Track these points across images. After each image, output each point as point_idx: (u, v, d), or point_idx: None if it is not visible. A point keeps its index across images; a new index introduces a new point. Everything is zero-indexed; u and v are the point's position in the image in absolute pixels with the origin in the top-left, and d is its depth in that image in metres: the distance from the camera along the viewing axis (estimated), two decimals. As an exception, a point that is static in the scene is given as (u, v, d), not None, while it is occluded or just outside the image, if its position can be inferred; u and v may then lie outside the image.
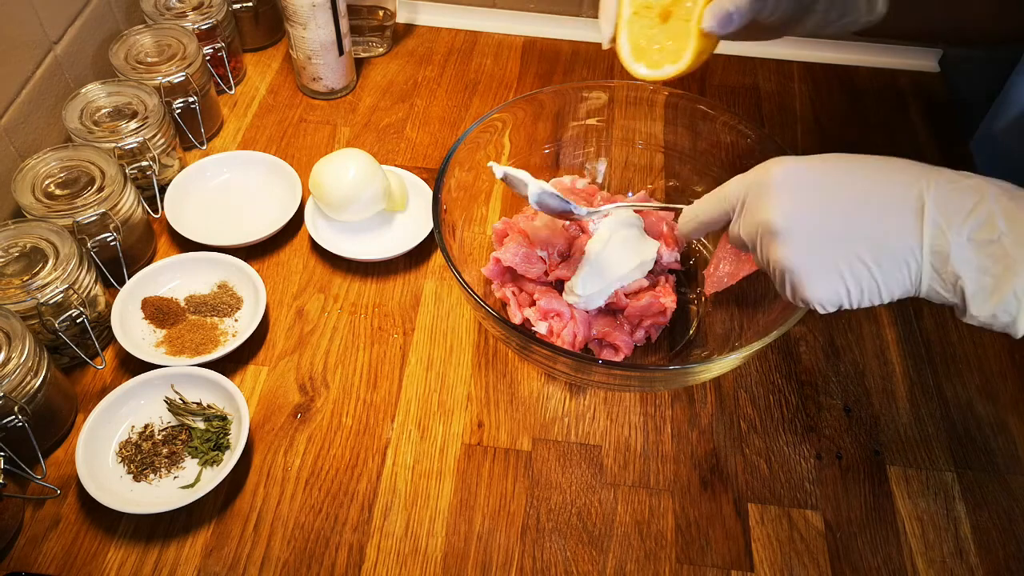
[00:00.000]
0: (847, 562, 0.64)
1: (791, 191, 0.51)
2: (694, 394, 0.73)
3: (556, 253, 0.73)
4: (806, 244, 0.50)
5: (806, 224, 0.50)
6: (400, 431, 0.70)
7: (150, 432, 0.68)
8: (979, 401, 0.74)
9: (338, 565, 0.63)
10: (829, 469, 0.69)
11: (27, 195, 0.73)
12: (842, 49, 1.05)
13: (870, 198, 0.49)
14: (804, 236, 0.50)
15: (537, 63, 1.03)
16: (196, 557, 0.63)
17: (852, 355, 0.76)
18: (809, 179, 0.51)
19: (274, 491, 0.67)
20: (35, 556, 0.63)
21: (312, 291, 0.80)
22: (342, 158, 0.80)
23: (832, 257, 0.50)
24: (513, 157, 0.80)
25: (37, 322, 0.68)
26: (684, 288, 0.78)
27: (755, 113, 0.97)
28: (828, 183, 0.50)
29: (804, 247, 0.50)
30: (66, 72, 0.86)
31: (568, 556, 0.64)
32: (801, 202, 0.50)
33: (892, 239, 0.49)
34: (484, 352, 0.76)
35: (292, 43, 0.93)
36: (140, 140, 0.79)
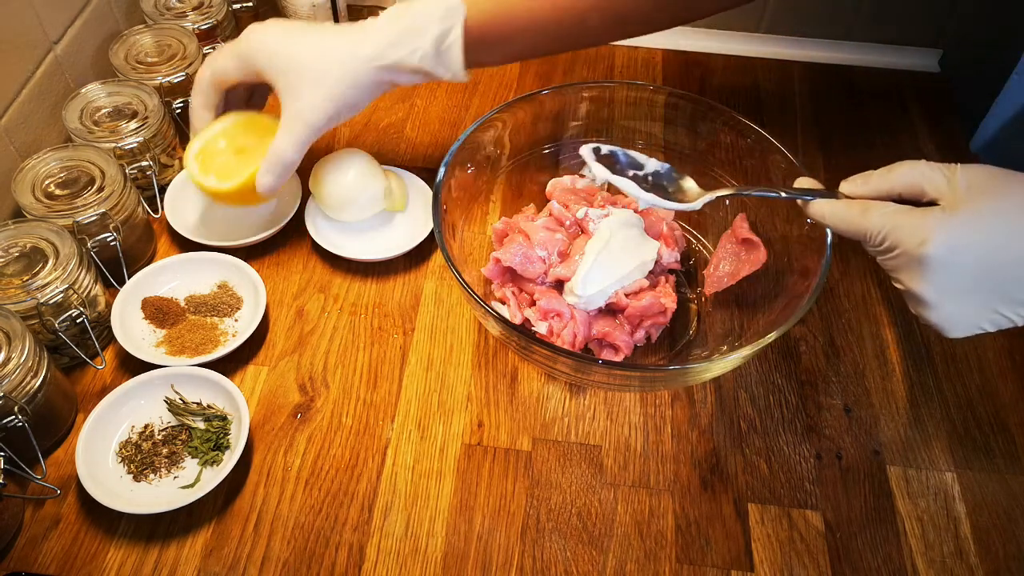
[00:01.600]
0: (847, 562, 0.64)
1: (942, 269, 0.52)
2: (694, 394, 0.73)
3: (556, 253, 0.73)
4: (952, 311, 0.54)
5: (954, 296, 0.53)
6: (400, 431, 0.70)
7: (150, 432, 0.68)
8: (979, 401, 0.74)
9: (338, 565, 0.63)
10: (829, 469, 0.69)
11: (27, 195, 0.73)
12: (842, 49, 1.05)
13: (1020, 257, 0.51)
14: (952, 306, 0.53)
15: (537, 63, 1.03)
16: (196, 557, 0.63)
17: (852, 355, 0.76)
18: (968, 253, 0.51)
19: (274, 491, 0.67)
20: (35, 556, 0.63)
21: (312, 291, 0.80)
22: (342, 158, 0.80)
23: (977, 316, 0.54)
24: (513, 157, 0.80)
25: (37, 322, 0.68)
26: (684, 288, 0.78)
27: (755, 113, 0.97)
28: (980, 249, 0.51)
29: (949, 312, 0.54)
30: (66, 72, 0.86)
31: (568, 556, 0.64)
32: (951, 278, 0.52)
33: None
34: (484, 352, 0.76)
35: (292, 43, 0.93)
36: (140, 140, 0.79)
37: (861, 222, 0.56)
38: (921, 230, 0.52)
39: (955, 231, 0.51)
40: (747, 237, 0.74)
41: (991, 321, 0.54)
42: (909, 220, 0.53)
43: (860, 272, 0.83)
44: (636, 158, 0.68)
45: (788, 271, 0.71)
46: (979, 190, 0.52)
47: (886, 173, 0.56)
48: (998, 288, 0.52)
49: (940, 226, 0.52)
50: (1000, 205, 0.51)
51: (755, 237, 0.73)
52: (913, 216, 0.53)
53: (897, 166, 0.56)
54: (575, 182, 0.81)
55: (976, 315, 0.53)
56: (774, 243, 0.73)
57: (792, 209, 0.72)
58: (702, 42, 1.06)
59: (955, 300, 0.53)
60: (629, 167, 0.68)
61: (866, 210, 0.56)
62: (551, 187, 0.80)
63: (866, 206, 0.56)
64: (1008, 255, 0.51)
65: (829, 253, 0.65)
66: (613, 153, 0.67)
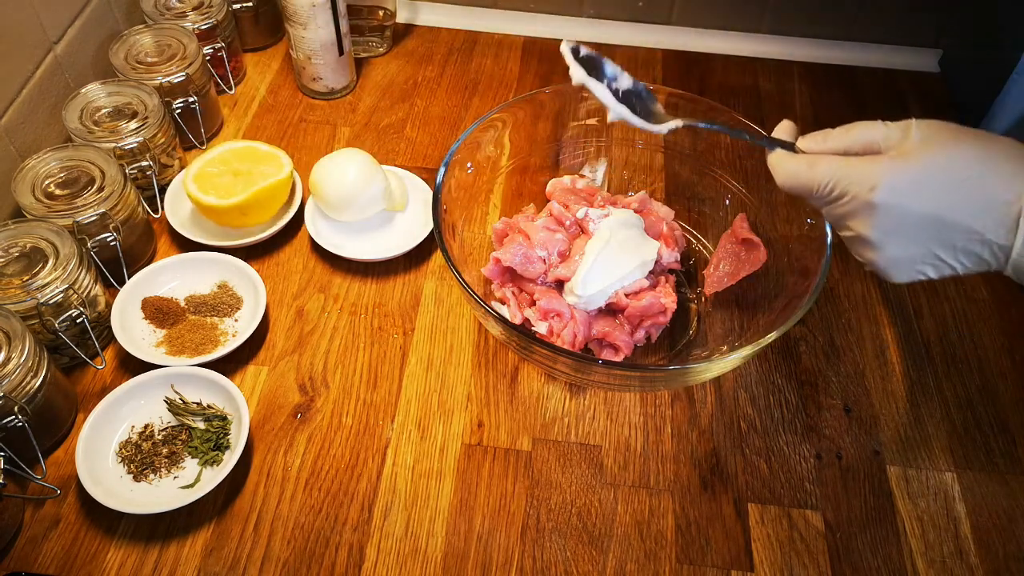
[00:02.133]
0: (847, 562, 0.64)
1: (891, 212, 0.53)
2: (694, 394, 0.73)
3: (556, 253, 0.73)
4: (897, 253, 0.55)
5: (900, 239, 0.54)
6: (400, 431, 0.70)
7: (150, 432, 0.68)
8: (979, 401, 0.74)
9: (338, 565, 0.63)
10: (829, 469, 0.69)
11: (27, 195, 0.73)
12: (842, 49, 1.05)
13: (966, 206, 0.52)
14: (897, 248, 0.54)
15: (537, 63, 1.03)
16: (196, 557, 0.63)
17: (852, 355, 0.76)
18: (911, 196, 0.53)
19: (274, 491, 0.67)
20: (35, 556, 0.63)
21: (312, 291, 0.80)
22: (342, 158, 0.81)
23: (920, 261, 0.55)
24: (513, 157, 0.80)
25: (37, 322, 0.68)
26: (684, 288, 0.78)
27: (755, 113, 0.97)
28: (928, 195, 0.52)
29: (894, 255, 0.55)
30: (66, 72, 0.86)
31: (568, 556, 0.64)
32: (899, 221, 0.53)
33: (981, 249, 0.52)
34: (484, 352, 0.76)
35: (292, 43, 0.93)
36: (140, 140, 0.79)
37: (809, 175, 0.56)
38: (872, 176, 0.53)
39: (905, 176, 0.53)
40: (747, 237, 0.74)
41: (933, 267, 0.55)
42: (859, 168, 0.54)
43: (860, 272, 0.83)
44: (614, 69, 0.64)
45: (788, 271, 0.71)
46: (932, 141, 0.53)
47: (844, 131, 0.57)
48: (942, 234, 0.53)
49: (891, 171, 0.53)
50: (951, 154, 0.52)
51: (755, 237, 0.73)
52: (863, 164, 0.54)
53: (855, 125, 0.57)
54: (575, 182, 0.81)
55: (919, 260, 0.54)
56: (774, 243, 0.73)
57: (792, 209, 0.72)
58: (702, 42, 1.06)
59: (900, 244, 0.54)
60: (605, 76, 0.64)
61: (814, 163, 0.56)
62: (551, 187, 0.80)
63: (814, 159, 0.56)
64: (953, 203, 0.52)
65: (829, 253, 0.65)
66: (592, 57, 0.64)
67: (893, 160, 0.53)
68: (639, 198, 0.79)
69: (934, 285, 0.82)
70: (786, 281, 0.70)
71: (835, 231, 0.58)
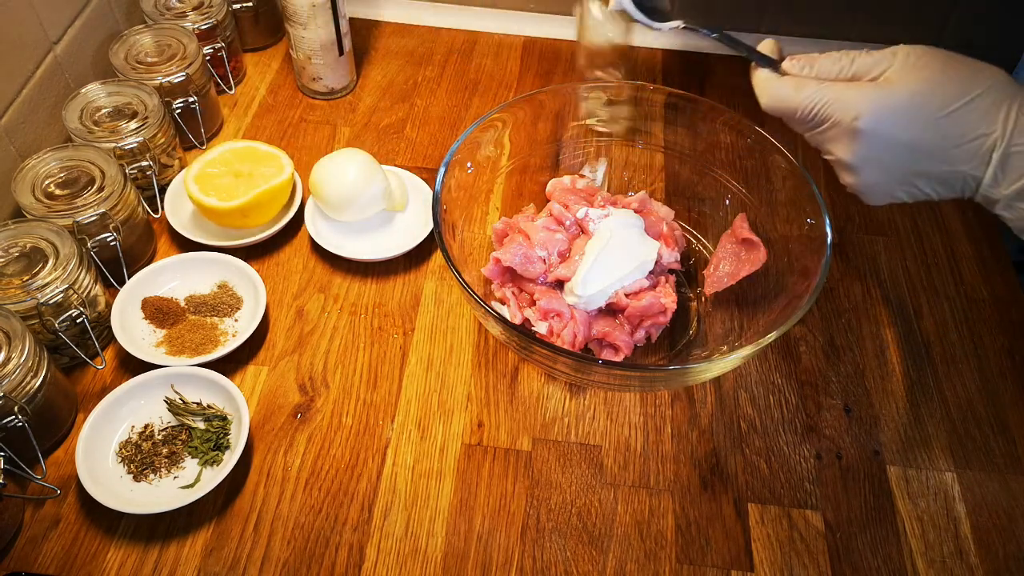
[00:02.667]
0: (847, 562, 0.64)
1: (872, 139, 0.55)
2: (694, 394, 0.73)
3: (556, 253, 0.73)
4: (875, 179, 0.57)
5: (879, 166, 0.56)
6: (400, 431, 0.70)
7: (150, 432, 0.68)
8: (979, 401, 0.74)
9: (338, 565, 0.63)
10: (829, 469, 0.69)
11: (27, 195, 0.73)
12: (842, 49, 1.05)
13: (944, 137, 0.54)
14: (875, 174, 0.57)
15: (537, 63, 1.03)
16: (196, 557, 0.63)
17: (852, 355, 0.76)
18: (893, 125, 0.54)
19: (274, 491, 0.67)
20: (35, 556, 0.63)
21: (312, 291, 0.80)
22: (342, 158, 0.81)
23: (897, 187, 0.57)
24: (513, 157, 0.80)
25: (37, 322, 0.68)
26: (684, 288, 0.78)
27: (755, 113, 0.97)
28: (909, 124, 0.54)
29: (872, 180, 0.57)
30: (66, 72, 0.86)
31: (568, 556, 0.64)
32: (879, 148, 0.55)
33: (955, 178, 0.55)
34: (484, 352, 0.76)
35: (292, 43, 0.93)
36: (140, 140, 0.79)
37: (795, 98, 0.57)
38: (856, 103, 0.55)
39: (888, 104, 0.54)
40: (747, 237, 0.74)
41: (908, 193, 0.57)
42: (844, 94, 0.55)
43: (860, 272, 0.83)
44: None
45: (788, 271, 0.71)
46: (918, 69, 0.54)
47: (831, 56, 0.58)
48: (920, 163, 0.55)
49: (875, 99, 0.54)
50: (935, 84, 0.53)
51: (755, 237, 0.73)
52: (849, 90, 0.55)
53: (843, 51, 0.58)
54: (575, 182, 0.81)
55: (896, 185, 0.57)
56: (774, 243, 0.73)
57: (792, 209, 0.72)
58: (702, 42, 1.06)
59: (878, 170, 0.56)
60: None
61: (800, 87, 0.57)
62: (551, 187, 0.80)
63: (800, 83, 0.57)
64: (932, 133, 0.54)
65: (829, 253, 0.65)
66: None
67: (878, 88, 0.55)
68: (639, 198, 0.79)
69: (934, 285, 0.82)
70: (786, 281, 0.70)
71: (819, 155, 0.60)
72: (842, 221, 0.87)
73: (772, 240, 0.73)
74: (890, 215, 0.88)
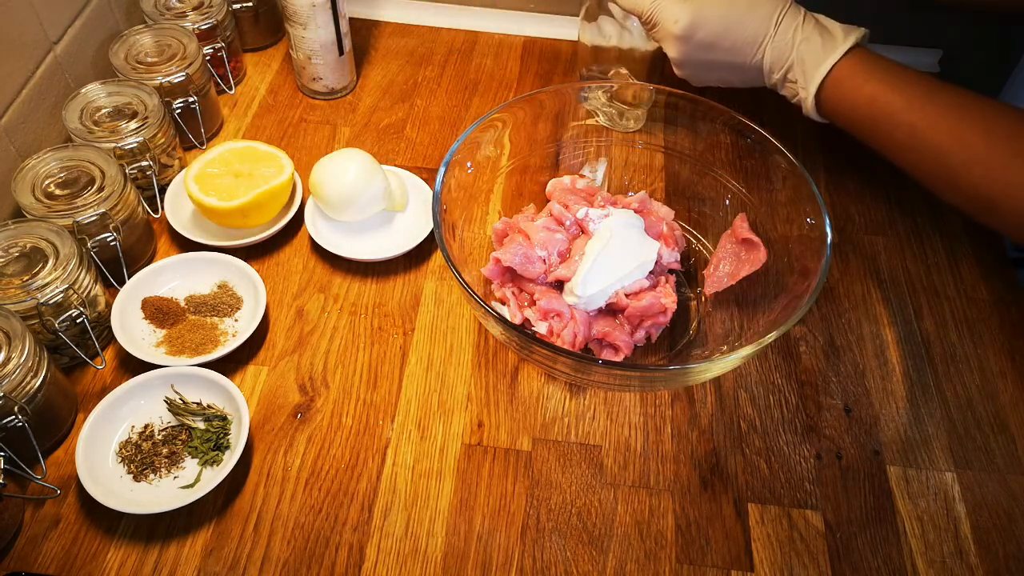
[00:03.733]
0: (847, 562, 0.64)
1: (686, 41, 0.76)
2: (694, 394, 0.73)
3: (556, 253, 0.73)
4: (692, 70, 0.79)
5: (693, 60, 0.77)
6: (400, 431, 0.70)
7: (150, 432, 0.68)
8: (979, 401, 0.74)
9: (338, 565, 0.63)
10: (829, 469, 0.69)
11: (27, 195, 0.73)
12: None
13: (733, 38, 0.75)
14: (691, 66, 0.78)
15: (537, 63, 1.03)
16: (196, 557, 0.63)
17: (852, 355, 0.76)
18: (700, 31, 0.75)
19: (274, 491, 0.67)
20: (35, 556, 0.63)
21: (312, 291, 0.80)
22: (342, 158, 0.81)
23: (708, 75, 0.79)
24: (513, 157, 0.80)
25: (37, 322, 0.68)
26: (684, 288, 0.78)
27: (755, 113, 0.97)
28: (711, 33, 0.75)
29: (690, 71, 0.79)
30: (66, 72, 0.86)
31: (568, 556, 0.64)
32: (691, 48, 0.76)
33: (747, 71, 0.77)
34: (484, 352, 0.76)
35: (292, 43, 0.93)
36: (140, 140, 0.79)
37: (639, 3, 0.77)
38: (677, 13, 0.75)
39: (698, 13, 0.74)
40: (747, 237, 0.74)
41: (719, 79, 0.79)
42: (671, 4, 0.75)
43: (860, 272, 0.83)
44: None
45: (788, 271, 0.71)
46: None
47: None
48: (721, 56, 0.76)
49: (688, 10, 0.74)
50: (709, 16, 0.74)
51: (755, 237, 0.73)
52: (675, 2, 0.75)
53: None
54: (575, 182, 0.81)
55: (707, 73, 0.78)
56: (774, 243, 0.73)
57: (792, 209, 0.72)
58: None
59: (694, 63, 0.77)
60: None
61: None
62: (551, 187, 0.80)
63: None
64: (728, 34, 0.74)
65: (829, 253, 0.65)
66: None
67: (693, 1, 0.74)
68: (639, 198, 0.79)
69: (934, 285, 0.82)
70: (786, 281, 0.71)
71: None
72: (842, 221, 0.87)
73: (772, 240, 0.73)
74: (890, 215, 0.88)
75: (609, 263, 0.71)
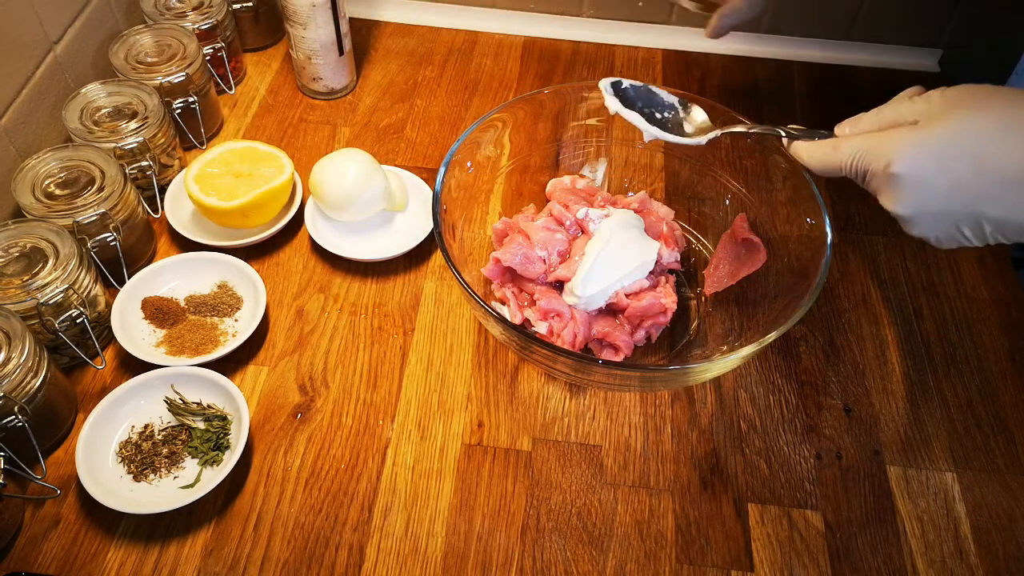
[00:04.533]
0: (847, 562, 0.64)
1: (911, 186, 0.51)
2: (694, 394, 0.73)
3: (556, 253, 0.73)
4: (931, 226, 0.52)
5: (928, 213, 0.52)
6: (400, 431, 0.70)
7: (150, 432, 0.68)
8: (979, 401, 0.74)
9: (338, 565, 0.63)
10: (829, 469, 0.69)
11: (27, 195, 0.73)
12: (842, 49, 1.05)
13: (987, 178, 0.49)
14: (929, 221, 0.52)
15: (537, 63, 1.03)
16: (196, 557, 0.63)
17: (852, 355, 0.76)
18: (929, 168, 0.50)
19: (274, 491, 0.67)
20: (35, 556, 0.63)
21: (312, 291, 0.80)
22: (342, 158, 0.81)
23: (958, 234, 0.52)
24: (513, 157, 0.80)
25: (37, 322, 0.68)
26: (684, 288, 0.78)
27: (755, 113, 0.97)
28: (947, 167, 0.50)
29: (929, 228, 0.53)
30: (66, 72, 0.86)
31: (568, 556, 0.64)
32: (921, 195, 0.51)
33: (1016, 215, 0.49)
34: (484, 352, 0.76)
35: (292, 43, 0.93)
36: (140, 140, 0.79)
37: (833, 157, 0.55)
38: (887, 150, 0.52)
39: (920, 146, 0.51)
40: (747, 237, 0.74)
41: (977, 237, 0.52)
42: (876, 143, 0.53)
43: (860, 272, 0.83)
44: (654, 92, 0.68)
45: (788, 271, 0.71)
46: (956, 107, 0.50)
47: (876, 112, 0.56)
48: (972, 205, 0.50)
49: (904, 143, 0.51)
50: (973, 121, 0.49)
51: (755, 237, 0.73)
52: (880, 138, 0.53)
53: (886, 105, 0.55)
54: (575, 182, 0.81)
55: (956, 232, 0.52)
56: (774, 243, 0.73)
57: (792, 209, 0.72)
58: (702, 42, 1.06)
59: (930, 217, 0.52)
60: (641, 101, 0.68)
61: (837, 145, 0.55)
62: (551, 187, 0.80)
63: (838, 142, 0.56)
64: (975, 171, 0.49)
65: (829, 253, 0.65)
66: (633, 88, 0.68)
67: (911, 131, 0.51)
68: (639, 198, 0.79)
69: (934, 285, 0.82)
70: (786, 281, 0.70)
71: None
72: (842, 221, 0.87)
73: (772, 240, 0.73)
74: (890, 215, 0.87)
75: (609, 263, 0.71)
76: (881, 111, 0.55)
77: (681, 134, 0.66)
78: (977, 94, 0.51)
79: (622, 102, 0.67)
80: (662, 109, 0.68)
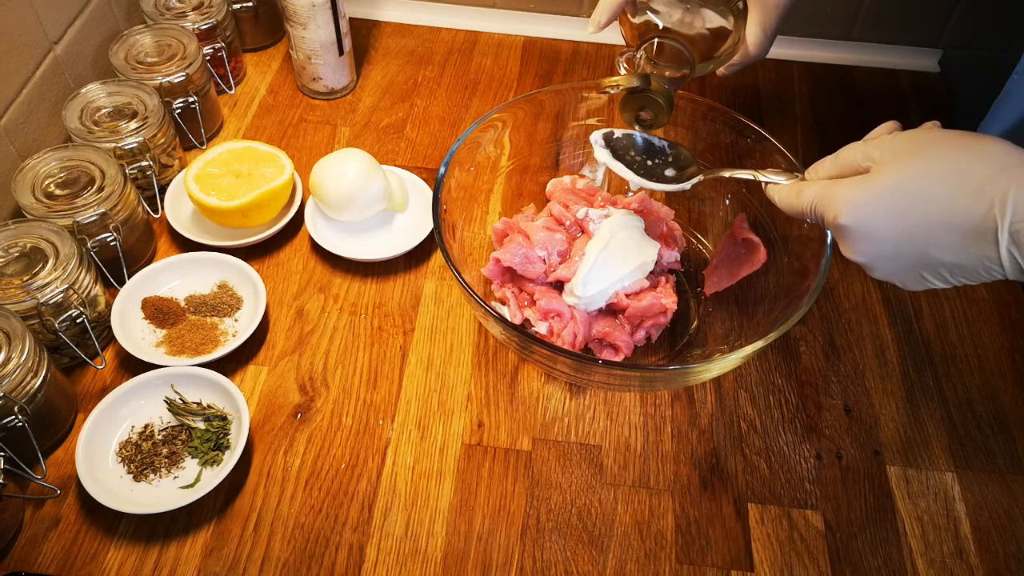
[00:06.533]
0: (847, 562, 0.64)
1: (859, 236, 0.52)
2: (694, 394, 0.73)
3: (556, 253, 0.73)
4: (890, 271, 0.53)
5: (885, 260, 0.52)
6: (400, 431, 0.70)
7: (150, 432, 0.68)
8: (979, 401, 0.74)
9: (338, 565, 0.63)
10: (829, 469, 0.69)
11: (27, 195, 0.73)
12: (842, 49, 1.05)
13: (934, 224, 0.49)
14: (887, 267, 0.53)
15: (537, 63, 1.03)
16: (196, 557, 0.63)
17: (852, 355, 0.76)
18: (875, 216, 0.51)
19: (274, 491, 0.67)
20: (35, 556, 0.63)
21: (312, 291, 0.80)
22: (342, 158, 0.81)
23: (919, 278, 0.52)
24: (513, 157, 0.80)
25: (37, 322, 0.68)
26: (684, 288, 0.78)
27: (755, 113, 0.97)
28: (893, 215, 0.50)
29: (887, 272, 0.53)
30: (66, 72, 0.86)
31: (568, 556, 0.64)
32: (874, 243, 0.52)
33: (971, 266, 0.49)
34: (484, 352, 0.76)
35: (292, 43, 0.93)
36: (140, 140, 0.79)
37: (795, 202, 0.56)
38: (836, 201, 0.52)
39: (865, 197, 0.51)
40: (747, 237, 0.74)
41: (940, 279, 0.52)
42: (829, 192, 0.53)
43: (860, 272, 0.82)
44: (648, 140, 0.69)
45: (788, 271, 0.71)
46: (902, 154, 0.51)
47: (834, 156, 0.56)
48: (926, 251, 0.50)
49: (851, 194, 0.51)
50: (919, 165, 0.50)
51: (755, 237, 0.73)
52: (832, 187, 0.53)
53: (844, 148, 0.55)
54: (575, 182, 0.81)
55: (916, 276, 0.52)
56: (774, 243, 0.73)
57: (792, 209, 0.72)
58: (702, 42, 1.06)
59: (887, 262, 0.52)
60: (633, 148, 0.69)
61: (800, 191, 0.56)
62: (551, 187, 0.80)
63: (800, 186, 0.56)
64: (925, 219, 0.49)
65: (829, 253, 0.65)
66: (624, 137, 0.69)
67: (858, 181, 0.52)
68: (639, 198, 0.79)
69: (934, 285, 0.82)
70: (786, 281, 0.70)
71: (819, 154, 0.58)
72: (842, 221, 0.87)
73: (772, 240, 0.73)
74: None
75: (609, 263, 0.71)
76: (839, 155, 0.56)
77: (666, 180, 0.67)
78: (922, 141, 0.51)
79: (613, 152, 0.68)
80: (652, 155, 0.68)
